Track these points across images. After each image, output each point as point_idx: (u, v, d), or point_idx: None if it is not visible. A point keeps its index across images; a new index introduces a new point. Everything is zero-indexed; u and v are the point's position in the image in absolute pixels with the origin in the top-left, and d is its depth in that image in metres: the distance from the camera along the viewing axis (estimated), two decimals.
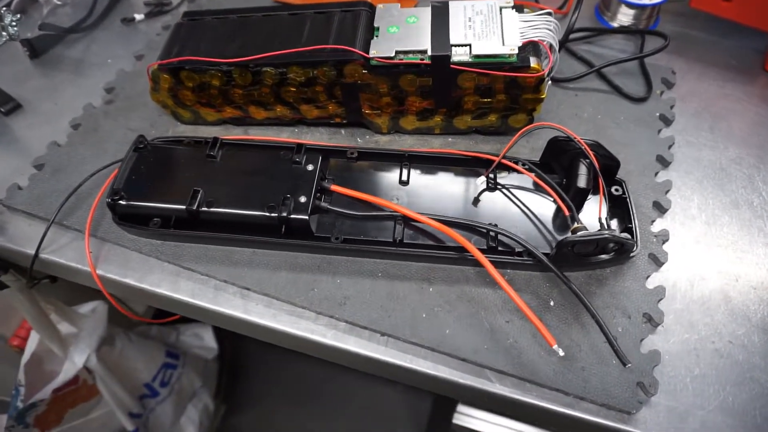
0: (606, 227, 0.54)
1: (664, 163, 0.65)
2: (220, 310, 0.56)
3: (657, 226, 0.60)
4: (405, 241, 0.56)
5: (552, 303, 0.55)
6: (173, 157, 0.61)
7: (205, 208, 0.57)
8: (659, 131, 0.68)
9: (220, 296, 0.57)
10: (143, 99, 0.71)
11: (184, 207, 0.56)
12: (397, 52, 0.58)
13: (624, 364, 0.47)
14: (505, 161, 0.60)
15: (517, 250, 0.56)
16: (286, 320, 0.55)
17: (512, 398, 0.51)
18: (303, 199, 0.57)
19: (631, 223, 0.57)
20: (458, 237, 0.53)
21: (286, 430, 1.46)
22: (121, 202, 0.58)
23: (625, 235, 0.54)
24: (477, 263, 0.54)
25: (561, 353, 0.48)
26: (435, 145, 0.67)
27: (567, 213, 0.55)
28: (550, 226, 0.58)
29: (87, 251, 0.59)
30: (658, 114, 0.69)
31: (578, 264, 0.56)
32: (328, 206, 0.58)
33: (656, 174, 0.64)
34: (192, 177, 0.59)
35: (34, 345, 0.96)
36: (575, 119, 0.69)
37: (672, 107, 0.70)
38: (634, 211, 0.57)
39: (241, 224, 0.58)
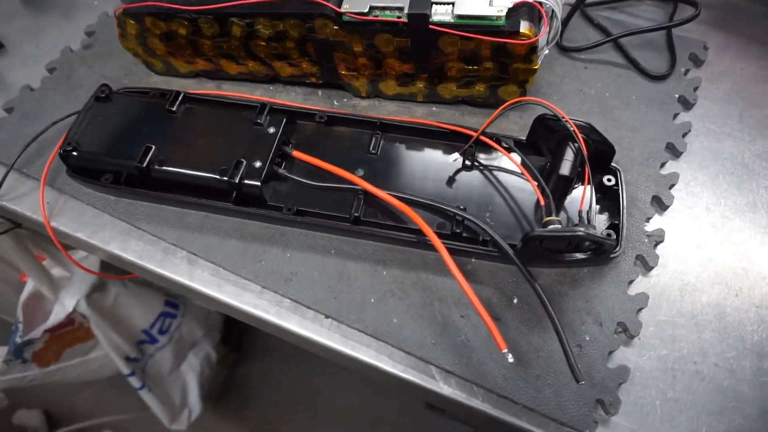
0: (585, 222, 0.48)
1: (674, 152, 0.57)
2: (166, 274, 0.53)
3: (652, 225, 0.53)
4: (363, 219, 0.52)
5: (515, 300, 0.49)
6: (134, 110, 0.58)
7: (157, 167, 0.53)
8: (675, 116, 0.59)
9: (167, 260, 0.54)
10: (120, 46, 0.68)
11: (134, 164, 0.53)
12: (371, 8, 0.52)
13: (576, 380, 0.42)
14: (483, 138, 0.53)
15: (482, 238, 0.50)
16: (229, 291, 0.52)
17: (454, 399, 0.46)
18: (258, 164, 0.53)
19: (619, 220, 0.50)
20: (417, 218, 0.48)
21: (294, 382, 1.45)
22: (74, 153, 0.55)
23: (604, 233, 0.48)
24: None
25: (510, 359, 0.43)
26: (417, 113, 0.61)
27: (542, 202, 0.48)
28: (528, 215, 0.52)
29: (41, 202, 0.57)
30: (677, 96, 0.61)
31: (552, 260, 0.50)
32: (286, 173, 0.54)
33: (662, 165, 0.56)
34: (149, 132, 0.56)
35: (31, 285, 0.99)
36: (579, 96, 0.61)
37: (696, 89, 0.61)
38: (625, 206, 0.50)
39: (192, 186, 0.54)
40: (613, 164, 0.53)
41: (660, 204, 0.54)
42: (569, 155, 0.50)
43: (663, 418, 0.45)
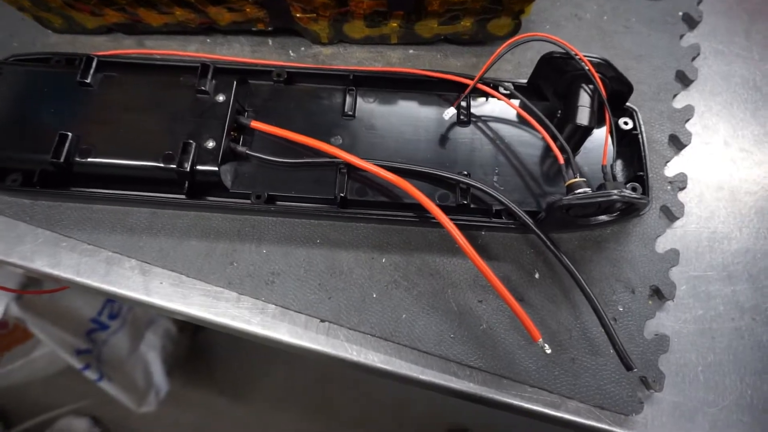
0: (611, 178, 0.41)
1: (684, 81, 0.51)
2: (115, 291, 0.43)
3: (672, 168, 0.47)
4: (349, 198, 0.43)
5: (537, 275, 0.43)
6: (34, 86, 0.45)
7: (79, 159, 0.42)
8: (681, 37, 0.53)
9: (113, 272, 0.44)
10: None
11: (48, 158, 0.41)
12: None
13: (628, 369, 0.37)
14: (481, 86, 0.45)
15: (495, 208, 0.43)
16: (199, 303, 0.43)
17: (482, 396, 0.41)
18: (211, 144, 0.42)
19: (643, 170, 0.44)
20: (415, 192, 0.40)
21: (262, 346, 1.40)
22: None
23: (636, 193, 0.42)
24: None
25: (548, 350, 0.37)
26: (393, 59, 0.51)
27: (561, 161, 0.41)
28: (538, 174, 0.45)
29: None
30: (680, 13, 0.53)
31: (575, 226, 0.44)
32: (247, 151, 0.44)
33: (674, 97, 0.50)
34: (60, 114, 0.43)
35: None
36: (574, 21, 0.53)
37: (699, 2, 0.54)
38: (647, 154, 0.44)
39: (131, 178, 0.43)
40: (627, 104, 0.46)
41: (677, 143, 0.48)
42: (584, 99, 0.42)
43: (707, 385, 0.41)
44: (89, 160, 0.42)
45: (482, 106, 0.47)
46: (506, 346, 0.41)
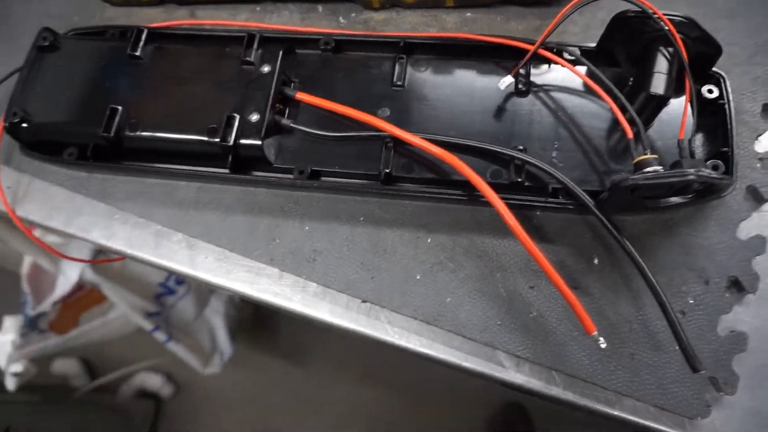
0: (688, 155, 0.37)
1: None
2: (162, 263, 0.44)
3: (764, 144, 0.41)
4: (395, 174, 0.41)
5: (596, 261, 0.39)
6: (90, 59, 0.46)
7: (128, 133, 0.42)
8: None
9: (162, 246, 0.44)
10: None
11: (99, 132, 0.42)
12: None
13: (694, 370, 0.33)
14: (542, 51, 0.41)
15: (551, 186, 0.39)
16: (242, 278, 0.43)
17: (530, 389, 0.38)
18: (255, 117, 0.41)
19: (727, 146, 0.38)
20: (464, 168, 0.37)
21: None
22: (23, 125, 0.44)
23: (717, 171, 0.37)
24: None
25: (602, 344, 0.34)
26: (448, 24, 0.48)
27: (630, 135, 0.37)
28: (603, 150, 0.40)
29: (0, 188, 0.47)
30: None
31: (640, 207, 0.39)
32: (291, 124, 0.43)
33: None
34: (112, 88, 0.44)
35: (30, 257, 0.91)
36: None
37: None
38: (734, 127, 0.39)
39: (177, 153, 0.43)
40: (714, 69, 0.40)
41: None
42: (662, 65, 0.37)
43: None
44: (137, 134, 0.42)
45: (544, 74, 0.43)
46: (558, 337, 0.38)
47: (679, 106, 0.39)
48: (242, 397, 1.29)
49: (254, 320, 1.41)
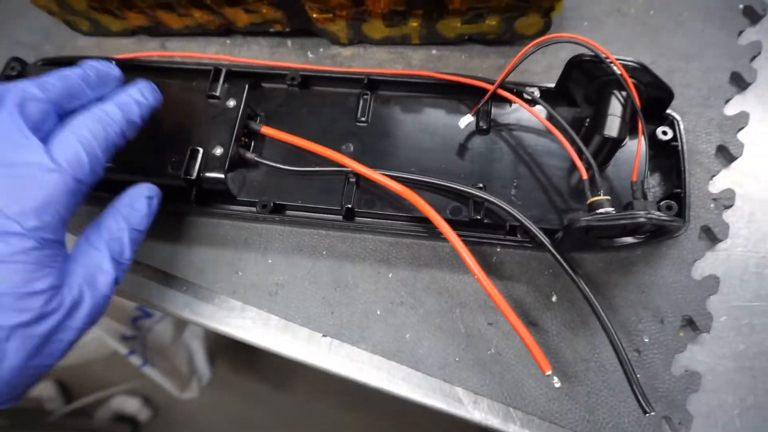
0: (640, 196, 0.37)
1: (740, 84, 0.45)
2: (127, 294, 0.44)
3: (718, 184, 0.42)
4: (357, 209, 0.41)
5: (554, 298, 0.40)
6: None
7: None
8: (740, 33, 0.47)
9: (126, 278, 0.44)
10: None
11: None
12: None
13: (644, 411, 0.33)
14: (502, 92, 0.41)
15: (510, 224, 0.40)
16: (204, 311, 0.43)
17: (487, 426, 0.38)
18: (219, 151, 0.41)
19: (681, 187, 0.39)
20: (423, 205, 0.38)
21: None
22: None
23: (670, 213, 0.38)
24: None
25: (557, 384, 0.35)
26: (414, 60, 0.48)
27: (585, 176, 0.37)
28: (562, 189, 0.41)
29: None
30: (741, 6, 0.47)
31: (594, 246, 0.40)
32: (256, 158, 0.43)
33: (727, 102, 0.45)
34: None
35: None
36: (616, 17, 0.48)
37: None
38: (687, 168, 0.40)
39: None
40: (667, 111, 0.41)
41: (726, 155, 0.43)
42: (615, 108, 0.38)
43: (744, 431, 0.37)
44: None
45: (505, 113, 0.44)
46: (515, 374, 0.38)
47: (634, 146, 0.40)
48: (222, 421, 1.27)
49: (234, 343, 1.39)
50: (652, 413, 0.33)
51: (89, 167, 0.32)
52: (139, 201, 0.36)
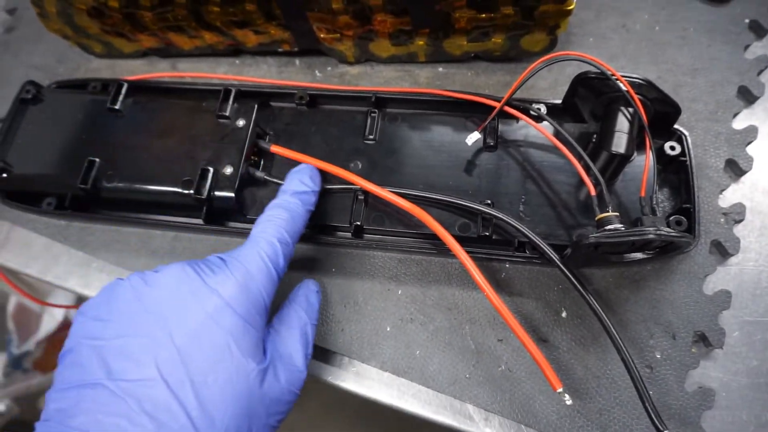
0: (649, 211, 0.37)
1: (748, 98, 0.45)
2: None
3: (728, 198, 0.42)
4: (366, 227, 0.41)
5: (564, 314, 0.40)
6: (71, 112, 0.47)
7: (106, 184, 0.43)
8: (746, 48, 0.47)
9: None
10: None
11: (77, 184, 0.43)
12: None
13: (657, 430, 0.33)
14: (508, 109, 0.42)
15: (518, 240, 0.40)
16: None
17: None
18: (229, 170, 0.42)
19: (690, 202, 0.39)
20: (431, 222, 0.38)
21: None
22: (3, 175, 0.45)
23: (679, 229, 0.38)
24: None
25: (568, 401, 0.34)
26: (421, 78, 0.49)
27: (593, 192, 0.37)
28: (570, 204, 0.41)
29: None
30: (747, 20, 0.48)
31: (604, 262, 0.40)
32: (265, 176, 0.43)
33: (735, 116, 0.45)
34: (91, 140, 0.45)
35: (15, 296, 0.91)
36: (621, 33, 0.48)
37: None
38: (696, 183, 0.39)
39: (153, 203, 0.44)
40: (675, 126, 0.41)
41: (735, 169, 0.43)
42: (623, 125, 0.38)
43: None
44: (114, 185, 0.43)
45: (512, 130, 0.44)
46: (526, 391, 0.38)
47: (642, 162, 0.40)
48: None
49: None
50: (667, 431, 0.32)
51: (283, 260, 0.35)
52: (312, 296, 0.38)
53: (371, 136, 0.44)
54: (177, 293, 0.31)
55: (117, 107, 0.45)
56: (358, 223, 0.41)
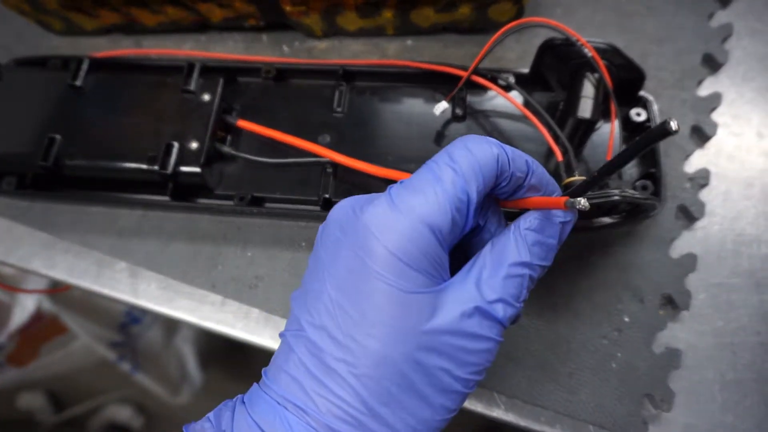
0: (617, 176, 0.38)
1: (712, 65, 0.46)
2: (104, 292, 0.44)
3: (693, 164, 0.43)
4: (334, 200, 0.41)
5: None
6: (31, 89, 0.45)
7: (68, 162, 0.42)
8: (711, 16, 0.47)
9: (104, 275, 0.44)
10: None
11: (37, 162, 0.42)
12: None
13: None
14: (475, 78, 0.42)
15: None
16: (184, 306, 0.42)
17: (473, 411, 0.38)
18: (195, 145, 0.41)
19: (656, 167, 0.39)
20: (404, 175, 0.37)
21: None
22: None
23: (639, 186, 0.38)
24: None
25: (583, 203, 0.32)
26: (390, 51, 0.49)
27: (559, 158, 0.38)
28: None
29: None
30: None
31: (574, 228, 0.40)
32: (232, 151, 0.43)
33: (700, 83, 0.45)
34: (53, 117, 0.44)
35: None
36: (590, 4, 0.48)
37: None
38: (662, 149, 0.40)
39: (119, 181, 0.43)
40: (641, 92, 0.41)
41: (701, 135, 0.43)
42: (588, 90, 0.38)
43: (725, 405, 0.37)
44: (76, 162, 0.42)
45: (481, 100, 0.44)
46: (497, 359, 0.38)
47: (616, 128, 0.40)
48: None
49: (227, 347, 1.39)
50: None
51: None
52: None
53: (339, 109, 0.44)
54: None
55: (78, 84, 0.44)
56: (327, 195, 0.41)
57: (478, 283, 0.25)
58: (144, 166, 0.41)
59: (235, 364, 1.38)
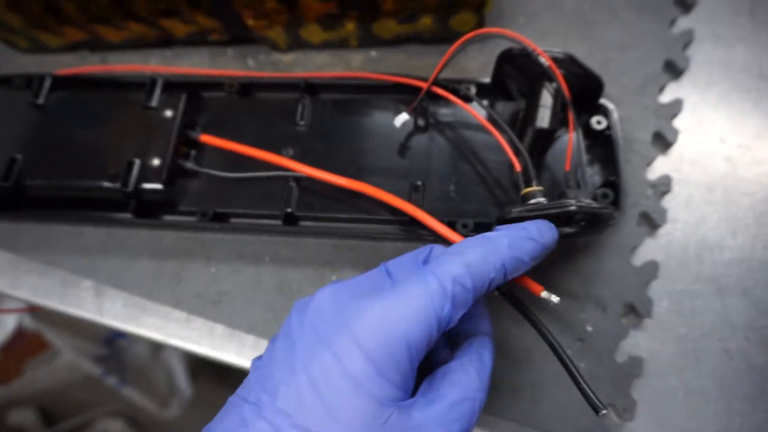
0: (574, 185, 0.38)
1: (674, 72, 0.46)
2: (69, 311, 0.44)
3: (656, 170, 0.43)
4: (297, 213, 0.41)
5: (496, 292, 0.40)
6: None
7: (29, 182, 0.42)
8: (673, 22, 0.47)
9: (69, 294, 0.44)
10: None
11: None
12: None
13: (596, 411, 0.32)
14: (436, 89, 0.42)
15: (447, 219, 0.40)
16: (150, 324, 0.42)
17: None
18: (157, 162, 0.41)
19: (616, 175, 0.39)
20: (371, 190, 0.38)
21: None
22: None
23: (599, 194, 0.38)
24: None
25: (555, 299, 0.33)
26: (354, 62, 0.49)
27: (518, 168, 0.38)
28: (503, 182, 0.41)
29: None
30: None
31: None
32: (195, 167, 0.43)
33: (662, 89, 0.45)
34: (13, 137, 0.44)
35: None
36: (552, 13, 0.49)
37: None
38: (622, 156, 0.40)
39: (81, 199, 0.43)
40: (601, 100, 0.42)
41: (663, 142, 0.43)
42: (546, 100, 0.38)
43: (689, 413, 0.37)
44: (38, 182, 0.42)
45: (444, 111, 0.44)
46: None
47: (574, 138, 0.40)
48: None
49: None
50: (605, 411, 0.31)
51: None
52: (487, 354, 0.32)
53: (302, 122, 0.44)
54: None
55: (40, 102, 0.44)
56: (289, 210, 0.41)
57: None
58: (106, 184, 0.41)
59: (224, 376, 1.37)
